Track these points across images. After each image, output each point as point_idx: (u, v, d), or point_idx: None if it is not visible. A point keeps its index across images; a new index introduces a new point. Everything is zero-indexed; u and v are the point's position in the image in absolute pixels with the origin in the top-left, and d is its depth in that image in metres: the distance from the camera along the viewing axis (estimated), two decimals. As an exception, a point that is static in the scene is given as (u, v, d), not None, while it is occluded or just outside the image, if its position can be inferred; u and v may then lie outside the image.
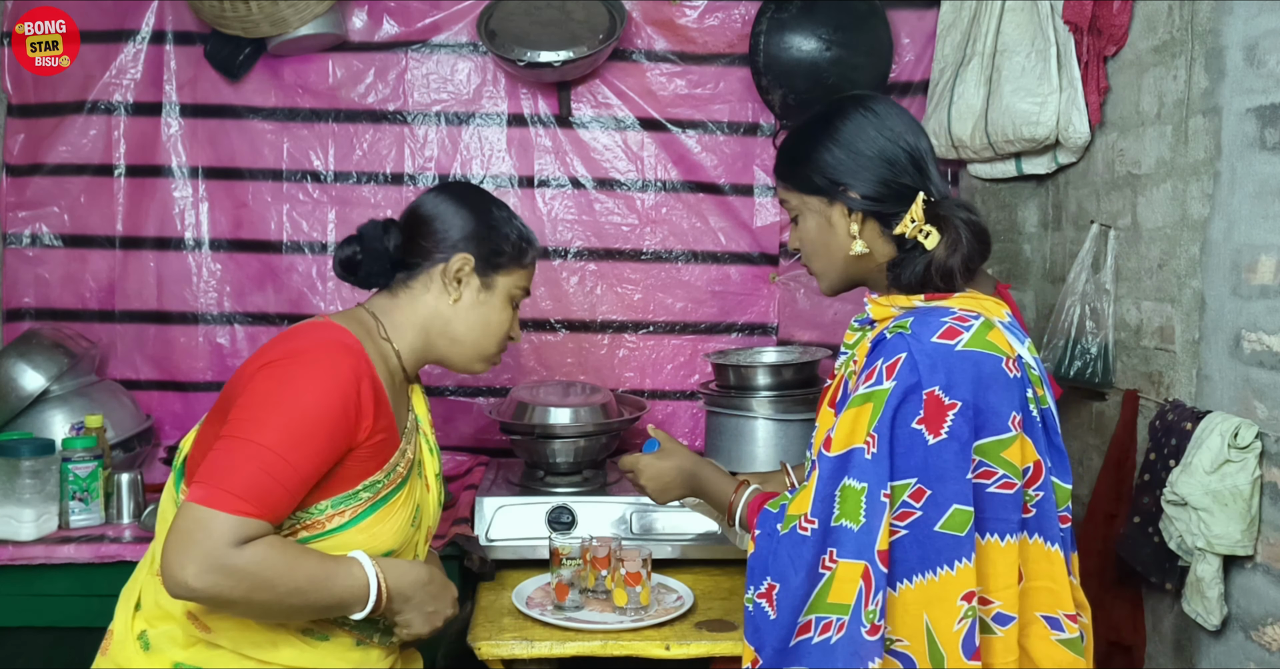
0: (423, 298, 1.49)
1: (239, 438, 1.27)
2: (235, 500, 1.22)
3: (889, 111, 1.43)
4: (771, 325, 2.73)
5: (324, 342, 1.36)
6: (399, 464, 1.42)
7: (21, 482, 2.07)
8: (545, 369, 2.70)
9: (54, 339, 2.43)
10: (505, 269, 1.52)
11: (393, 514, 1.41)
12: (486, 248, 1.49)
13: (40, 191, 2.61)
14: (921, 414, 1.27)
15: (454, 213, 1.50)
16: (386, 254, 1.48)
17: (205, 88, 2.62)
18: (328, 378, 1.31)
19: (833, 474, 1.29)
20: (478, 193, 1.56)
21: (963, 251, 1.37)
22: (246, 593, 1.23)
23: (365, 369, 1.36)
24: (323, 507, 1.35)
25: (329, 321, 1.42)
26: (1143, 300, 1.98)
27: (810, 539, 1.29)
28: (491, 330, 1.53)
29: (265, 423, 1.27)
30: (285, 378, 1.31)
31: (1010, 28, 2.28)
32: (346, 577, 1.32)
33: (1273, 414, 1.58)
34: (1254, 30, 1.64)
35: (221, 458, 1.26)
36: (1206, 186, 1.76)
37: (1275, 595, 1.57)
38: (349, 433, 1.33)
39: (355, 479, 1.36)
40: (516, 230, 1.54)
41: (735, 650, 1.78)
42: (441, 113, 2.68)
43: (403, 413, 1.49)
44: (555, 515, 2.11)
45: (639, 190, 2.71)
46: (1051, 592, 1.34)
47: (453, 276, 1.48)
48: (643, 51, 2.68)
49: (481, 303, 1.51)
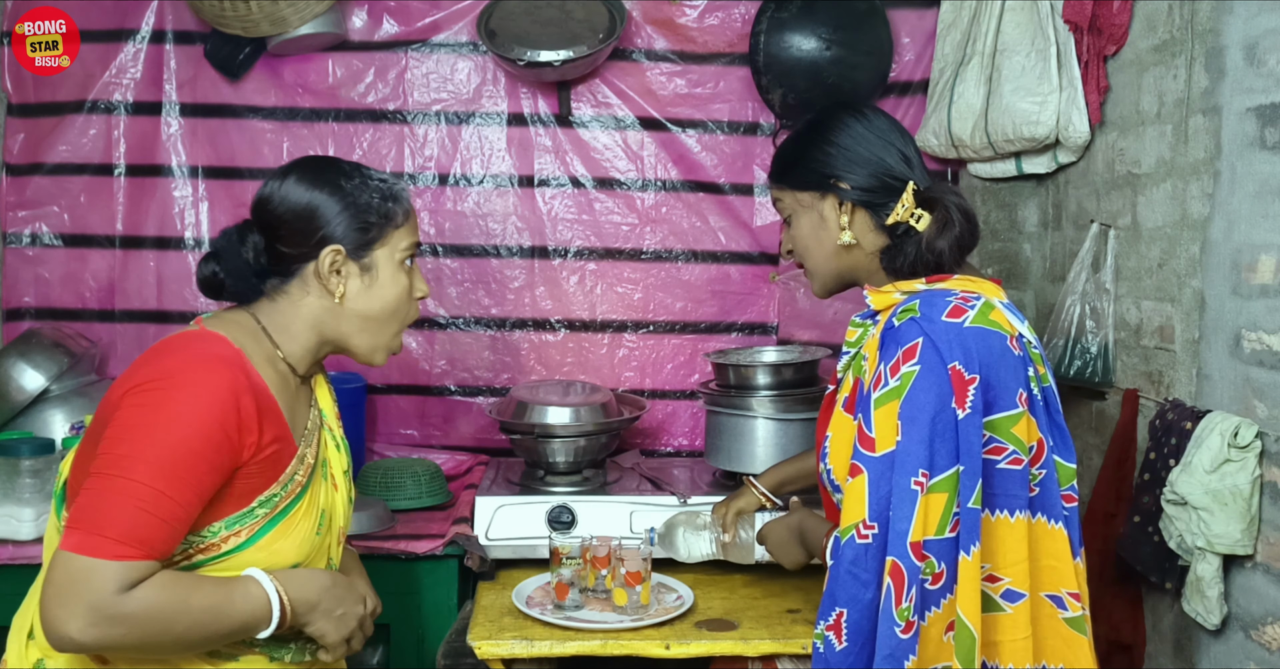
0: (304, 301, 1.38)
1: (111, 475, 1.18)
2: (115, 545, 1.15)
3: (877, 115, 1.49)
4: (771, 325, 2.73)
5: (196, 357, 1.27)
6: (297, 472, 1.36)
7: (21, 481, 2.07)
8: (545, 369, 2.70)
9: (54, 339, 2.43)
10: (380, 241, 1.39)
11: (294, 527, 1.35)
12: (351, 228, 1.37)
13: (40, 191, 2.61)
14: (952, 391, 1.27)
15: (304, 205, 1.36)
16: (250, 267, 1.37)
17: (205, 87, 2.62)
18: (202, 400, 1.22)
19: (883, 474, 1.28)
20: (317, 171, 1.39)
21: (953, 231, 1.39)
22: (140, 638, 1.18)
23: (244, 382, 1.27)
24: (216, 529, 1.28)
25: (203, 330, 1.34)
26: (1143, 300, 1.98)
27: (873, 546, 1.27)
28: (390, 309, 1.42)
29: (138, 457, 1.19)
30: (155, 404, 1.22)
31: (1010, 27, 2.28)
32: (244, 599, 1.26)
33: (1273, 413, 1.58)
34: (1254, 29, 1.64)
35: (94, 499, 1.18)
36: (1206, 186, 1.76)
37: (1275, 595, 1.57)
38: (232, 453, 1.25)
39: (249, 496, 1.30)
40: (376, 193, 1.39)
41: (735, 650, 1.78)
42: (441, 112, 2.68)
43: (301, 414, 1.42)
44: (555, 515, 2.11)
45: (639, 190, 2.71)
46: (1055, 570, 1.35)
47: (327, 274, 1.36)
48: (643, 51, 2.68)
49: (368, 287, 1.39)
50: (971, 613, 1.26)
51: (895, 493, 1.26)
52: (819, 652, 1.30)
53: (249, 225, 1.40)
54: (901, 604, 1.23)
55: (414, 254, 1.46)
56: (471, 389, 2.69)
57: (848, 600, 1.27)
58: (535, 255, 2.70)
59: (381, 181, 1.41)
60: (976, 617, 1.26)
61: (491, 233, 2.70)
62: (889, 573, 1.24)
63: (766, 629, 1.83)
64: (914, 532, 1.24)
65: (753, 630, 1.82)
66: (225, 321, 1.37)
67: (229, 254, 1.38)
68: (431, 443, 2.68)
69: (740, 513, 1.91)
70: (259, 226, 1.39)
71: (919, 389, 1.28)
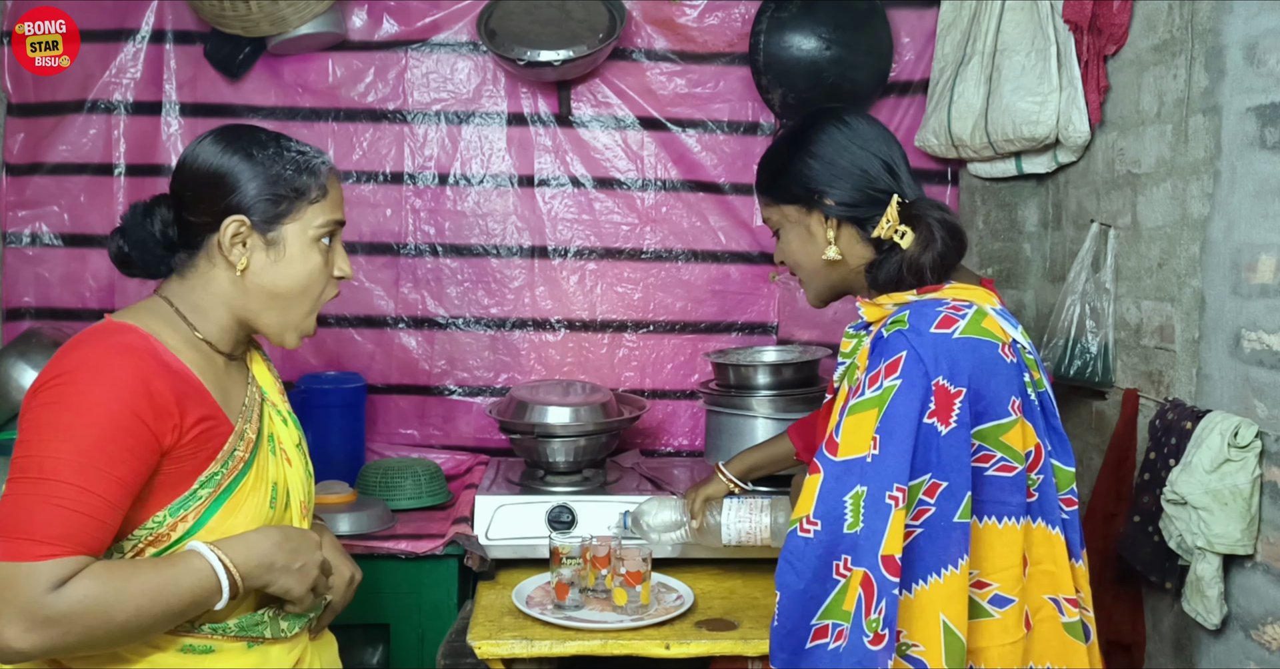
0: (212, 275, 1.34)
1: (27, 478, 1.16)
2: (37, 546, 1.13)
3: (860, 122, 1.48)
4: (771, 324, 2.73)
5: (97, 350, 1.24)
6: (237, 448, 1.32)
7: (21, 481, 2.06)
8: (545, 369, 2.70)
9: (54, 339, 2.43)
10: (291, 215, 1.34)
11: (242, 503, 1.31)
12: (258, 199, 1.32)
13: (40, 191, 2.61)
14: (933, 407, 1.27)
15: (212, 169, 1.32)
16: (156, 240, 1.35)
17: (205, 87, 2.62)
18: (107, 390, 1.20)
19: (840, 479, 1.29)
20: (233, 137, 1.35)
21: (935, 249, 1.38)
22: (82, 635, 1.14)
23: (154, 366, 1.24)
24: (161, 518, 1.26)
25: (110, 323, 1.30)
26: (1143, 299, 1.98)
27: (814, 542, 1.29)
28: (299, 286, 1.36)
29: (50, 455, 1.16)
30: (60, 400, 1.19)
31: (1010, 27, 2.28)
32: (188, 574, 1.22)
33: (1273, 413, 1.58)
34: (1254, 29, 1.64)
35: (11, 505, 1.15)
36: (1206, 186, 1.76)
37: (1275, 594, 1.57)
38: (150, 439, 1.22)
39: (188, 479, 1.27)
40: (289, 164, 1.34)
41: (735, 650, 1.78)
42: (441, 112, 2.68)
43: (236, 392, 1.38)
44: (555, 514, 2.11)
45: (639, 189, 2.71)
46: (1052, 575, 1.36)
47: (229, 245, 1.32)
48: (643, 51, 2.68)
49: (274, 262, 1.34)
50: (959, 622, 1.27)
51: (869, 504, 1.26)
52: (773, 627, 1.34)
53: (160, 199, 1.38)
54: (870, 615, 1.24)
55: (334, 231, 1.40)
56: (471, 389, 2.69)
57: (782, 585, 1.31)
58: (535, 255, 2.70)
59: (300, 154, 1.36)
60: (964, 626, 1.27)
61: (491, 232, 2.70)
62: (859, 583, 1.25)
63: (766, 629, 1.82)
64: (886, 545, 1.24)
65: (753, 630, 1.83)
66: (136, 311, 1.34)
67: (133, 226, 1.36)
68: (431, 443, 2.68)
69: (709, 499, 1.95)
70: (173, 194, 1.36)
71: (899, 403, 1.28)
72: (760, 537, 1.90)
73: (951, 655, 1.26)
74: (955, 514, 1.27)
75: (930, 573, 1.28)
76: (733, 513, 1.91)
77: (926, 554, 1.28)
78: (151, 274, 1.39)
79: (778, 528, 1.90)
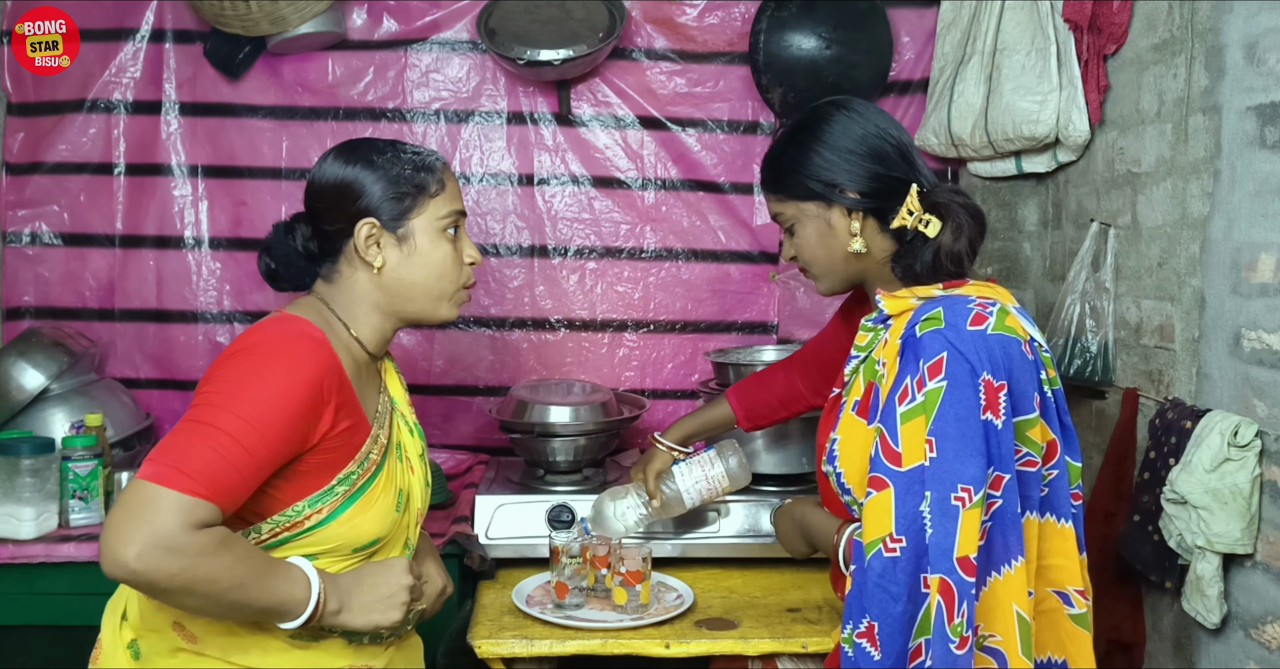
0: (355, 278, 1.44)
1: (197, 422, 1.23)
2: (187, 479, 1.18)
3: (867, 109, 1.45)
4: (771, 324, 2.73)
5: (289, 334, 1.33)
6: (371, 451, 1.40)
7: (21, 480, 2.07)
8: (545, 368, 2.70)
9: (54, 338, 2.43)
10: (415, 210, 1.43)
11: (373, 503, 1.39)
12: (383, 200, 1.42)
13: (40, 190, 2.61)
14: (984, 402, 1.27)
15: (337, 184, 1.43)
16: (300, 254, 1.47)
17: (205, 86, 2.62)
18: (293, 369, 1.29)
19: (910, 489, 1.27)
20: (352, 149, 1.47)
21: (967, 234, 1.38)
22: (187, 582, 1.18)
23: (330, 360, 1.33)
24: (300, 507, 1.34)
25: (288, 315, 1.39)
26: (1143, 299, 1.98)
27: (902, 559, 1.26)
28: (436, 273, 1.45)
29: (225, 408, 1.23)
30: (252, 366, 1.29)
31: (1010, 26, 2.28)
32: (286, 579, 1.28)
33: (1273, 412, 1.58)
34: (1254, 28, 1.64)
35: (177, 438, 1.22)
36: (1206, 185, 1.76)
37: (1275, 594, 1.57)
38: (310, 424, 1.30)
39: (328, 474, 1.35)
40: (407, 164, 1.44)
41: (735, 649, 1.78)
42: (441, 111, 2.68)
43: (372, 397, 1.47)
44: (555, 514, 2.11)
45: (639, 189, 2.71)
46: (1064, 568, 1.37)
47: (364, 246, 1.42)
48: (643, 50, 2.68)
49: (408, 256, 1.43)
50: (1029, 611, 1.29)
51: (935, 508, 1.25)
52: (848, 656, 1.29)
53: (297, 216, 1.49)
54: (954, 621, 1.22)
55: (458, 222, 1.48)
56: (471, 389, 2.69)
57: (879, 614, 1.27)
58: (535, 254, 2.70)
59: (415, 154, 1.46)
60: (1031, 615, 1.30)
61: (491, 232, 2.70)
62: (938, 590, 1.23)
63: (766, 628, 1.83)
64: (960, 547, 1.23)
65: (753, 630, 1.83)
66: (303, 306, 1.43)
67: (277, 243, 1.48)
68: (431, 442, 2.68)
69: (659, 473, 1.96)
70: (307, 209, 1.47)
71: (951, 404, 1.27)
72: (720, 486, 1.93)
73: (1025, 645, 1.26)
74: (1017, 506, 1.28)
75: (1003, 564, 1.28)
76: (687, 477, 1.94)
77: (998, 546, 1.28)
78: (298, 286, 1.50)
79: (733, 471, 1.93)
